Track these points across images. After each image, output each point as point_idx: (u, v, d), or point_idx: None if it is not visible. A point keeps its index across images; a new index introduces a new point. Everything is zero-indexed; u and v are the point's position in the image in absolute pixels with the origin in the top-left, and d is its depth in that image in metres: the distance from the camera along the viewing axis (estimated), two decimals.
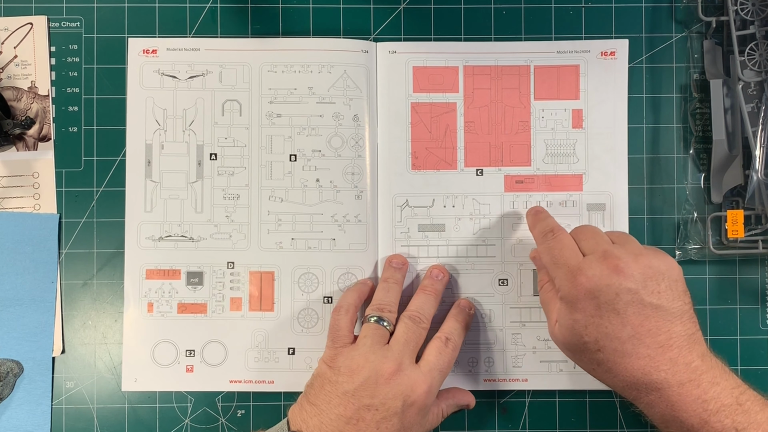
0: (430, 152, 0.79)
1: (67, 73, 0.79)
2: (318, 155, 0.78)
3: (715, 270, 0.79)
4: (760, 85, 0.75)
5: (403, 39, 0.80)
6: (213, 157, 0.78)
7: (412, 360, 0.69)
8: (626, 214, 0.79)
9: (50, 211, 0.78)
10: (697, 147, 0.79)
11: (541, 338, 0.78)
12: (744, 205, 0.77)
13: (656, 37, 0.80)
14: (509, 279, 0.79)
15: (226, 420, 0.78)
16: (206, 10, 0.80)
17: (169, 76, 0.78)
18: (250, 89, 0.79)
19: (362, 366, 0.68)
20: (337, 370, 0.68)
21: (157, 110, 0.78)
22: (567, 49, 0.80)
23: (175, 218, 0.78)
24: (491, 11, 0.80)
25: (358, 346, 0.70)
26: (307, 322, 0.78)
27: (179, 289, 0.78)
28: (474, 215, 0.79)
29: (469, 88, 0.79)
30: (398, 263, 0.77)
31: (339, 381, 0.68)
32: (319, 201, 0.78)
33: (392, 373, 0.67)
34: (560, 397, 0.79)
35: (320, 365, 0.71)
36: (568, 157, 0.79)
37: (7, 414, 0.76)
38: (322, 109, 0.78)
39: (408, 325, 0.71)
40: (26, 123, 0.78)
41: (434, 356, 0.70)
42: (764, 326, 0.79)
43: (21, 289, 0.77)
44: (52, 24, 0.79)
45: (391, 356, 0.68)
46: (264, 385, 0.78)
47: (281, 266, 0.78)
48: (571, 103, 0.80)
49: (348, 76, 0.78)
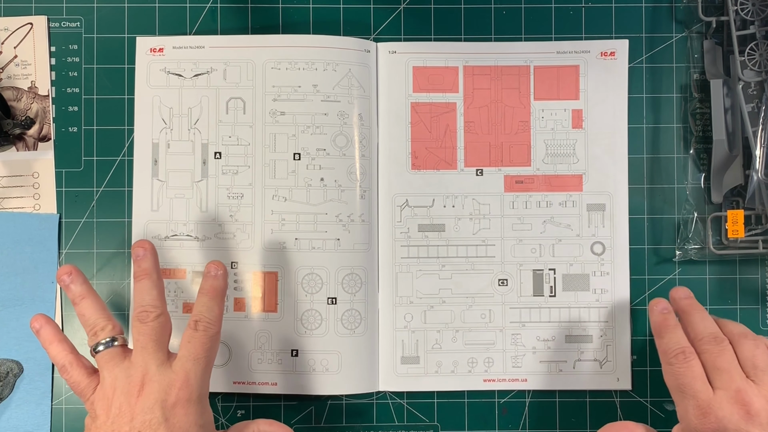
0: (430, 152, 0.79)
1: (67, 73, 0.79)
2: (322, 154, 0.78)
3: (715, 270, 0.80)
4: (760, 85, 0.75)
5: (403, 39, 0.80)
6: (217, 156, 0.78)
7: (159, 362, 0.64)
8: (626, 214, 0.79)
9: (50, 211, 0.78)
10: (697, 147, 0.80)
11: (540, 338, 0.78)
12: (744, 205, 0.78)
13: (656, 37, 0.80)
14: (509, 279, 0.79)
15: (225, 420, 0.78)
16: (206, 9, 0.80)
17: (175, 74, 0.78)
18: (254, 86, 0.78)
19: (112, 395, 0.63)
20: (95, 415, 0.64)
21: (164, 109, 0.78)
22: (567, 50, 0.80)
23: (180, 217, 0.78)
24: (491, 11, 0.80)
25: (103, 380, 0.64)
26: (310, 324, 0.77)
27: (184, 288, 0.77)
28: (474, 215, 0.79)
29: (469, 88, 0.80)
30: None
31: (98, 423, 0.63)
32: (323, 200, 0.77)
33: (141, 385, 0.63)
34: (560, 397, 0.79)
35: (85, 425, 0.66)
36: (568, 157, 0.79)
37: (7, 414, 0.76)
38: (326, 107, 0.78)
39: (136, 327, 0.66)
40: (26, 123, 0.78)
41: (184, 347, 0.66)
42: (764, 326, 0.79)
43: (21, 289, 0.77)
44: (52, 24, 0.79)
45: (134, 370, 0.64)
46: (267, 387, 0.77)
47: (285, 267, 0.78)
48: (571, 103, 0.80)
49: (353, 74, 0.78)
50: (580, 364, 0.78)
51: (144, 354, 0.64)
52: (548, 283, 0.79)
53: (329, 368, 0.77)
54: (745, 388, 0.63)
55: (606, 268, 0.79)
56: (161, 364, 0.64)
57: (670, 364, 0.66)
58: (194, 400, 0.64)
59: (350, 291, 0.77)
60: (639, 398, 0.79)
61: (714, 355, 0.65)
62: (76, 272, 0.68)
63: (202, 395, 0.65)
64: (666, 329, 0.69)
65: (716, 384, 0.64)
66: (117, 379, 0.63)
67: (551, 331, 0.79)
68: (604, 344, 0.78)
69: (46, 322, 0.68)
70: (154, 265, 0.69)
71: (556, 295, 0.79)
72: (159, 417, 0.62)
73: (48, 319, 0.69)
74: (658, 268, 0.80)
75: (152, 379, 0.63)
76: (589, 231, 0.79)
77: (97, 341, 0.66)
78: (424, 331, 0.78)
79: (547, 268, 0.79)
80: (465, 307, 0.78)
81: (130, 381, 0.63)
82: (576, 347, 0.78)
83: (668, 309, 0.71)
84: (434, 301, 0.79)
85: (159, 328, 0.66)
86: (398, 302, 0.78)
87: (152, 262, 0.69)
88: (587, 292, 0.79)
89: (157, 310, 0.66)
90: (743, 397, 0.62)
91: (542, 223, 0.79)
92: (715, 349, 0.65)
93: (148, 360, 0.64)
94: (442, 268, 0.79)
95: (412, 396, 0.79)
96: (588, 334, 0.78)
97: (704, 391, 0.64)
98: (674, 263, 0.79)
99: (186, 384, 0.64)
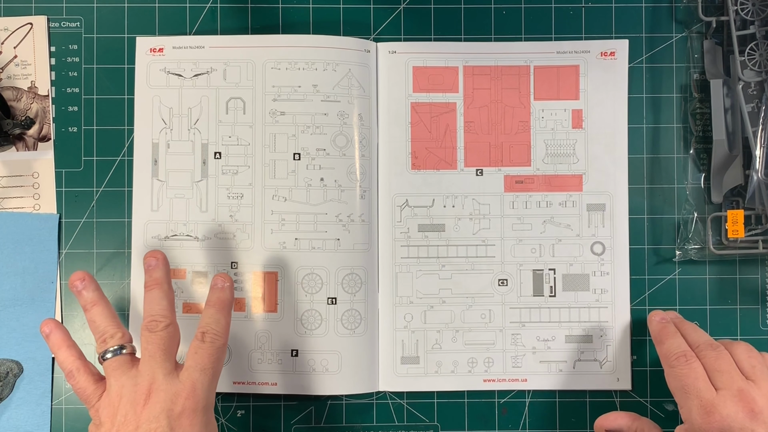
0: (430, 152, 0.79)
1: (67, 73, 0.79)
2: (322, 154, 0.78)
3: (715, 270, 0.80)
4: (760, 85, 0.75)
5: (403, 39, 0.80)
6: (217, 156, 0.78)
7: (166, 371, 0.64)
8: (626, 214, 0.79)
9: (50, 211, 0.78)
10: (697, 147, 0.80)
11: (540, 338, 0.78)
12: (744, 205, 0.78)
13: (656, 37, 0.80)
14: (509, 279, 0.79)
15: (225, 420, 0.78)
16: (206, 9, 0.80)
17: (175, 74, 0.78)
18: (254, 86, 0.78)
19: (118, 403, 0.63)
20: (100, 422, 0.64)
21: (164, 109, 0.78)
22: (567, 50, 0.80)
23: (180, 217, 0.78)
24: (491, 11, 0.80)
25: (110, 388, 0.64)
26: (310, 324, 0.77)
27: (184, 288, 0.77)
28: (474, 215, 0.79)
29: (468, 88, 0.80)
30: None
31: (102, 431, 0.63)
32: (323, 200, 0.77)
33: (147, 394, 0.63)
34: (560, 397, 0.79)
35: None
36: (568, 157, 0.79)
37: (7, 414, 0.76)
38: (326, 107, 0.78)
39: (145, 336, 0.66)
40: (26, 123, 0.78)
41: (191, 358, 0.66)
42: (764, 326, 0.79)
43: (21, 289, 0.77)
44: (52, 24, 0.79)
45: (141, 378, 0.64)
46: (267, 387, 0.78)
47: (285, 267, 0.78)
48: (571, 103, 0.80)
49: (353, 74, 0.78)
50: (580, 364, 0.78)
51: (152, 363, 0.64)
52: (548, 283, 0.79)
53: (329, 368, 0.77)
54: (747, 388, 0.64)
55: (606, 268, 0.79)
56: (168, 374, 0.64)
57: (672, 367, 0.68)
58: (200, 410, 0.64)
59: (350, 291, 0.77)
60: (639, 398, 0.79)
61: (713, 359, 0.67)
62: (89, 278, 0.69)
63: (207, 406, 0.65)
64: (666, 335, 0.71)
65: (718, 384, 0.65)
66: (124, 387, 0.63)
67: (551, 331, 0.79)
68: (604, 344, 0.78)
69: (56, 327, 0.68)
70: (166, 276, 0.69)
71: (556, 295, 0.79)
72: (164, 426, 0.61)
73: (58, 323, 0.69)
74: (658, 268, 0.80)
75: (159, 388, 0.63)
76: (589, 231, 0.79)
77: (105, 348, 0.66)
78: (424, 331, 0.78)
79: (547, 268, 0.79)
80: (465, 307, 0.78)
81: (137, 389, 0.63)
82: (576, 347, 0.78)
83: (666, 319, 0.73)
84: (434, 301, 0.79)
85: (167, 337, 0.66)
86: (398, 302, 0.78)
87: (164, 272, 0.70)
88: (587, 292, 0.79)
89: (166, 320, 0.67)
90: (746, 395, 0.63)
91: (542, 223, 0.79)
92: (713, 354, 0.67)
93: (156, 369, 0.64)
94: (442, 268, 0.79)
95: (412, 396, 0.79)
96: (588, 334, 0.78)
97: (708, 391, 0.65)
98: (674, 263, 0.79)
99: (193, 394, 0.64)
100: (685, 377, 0.66)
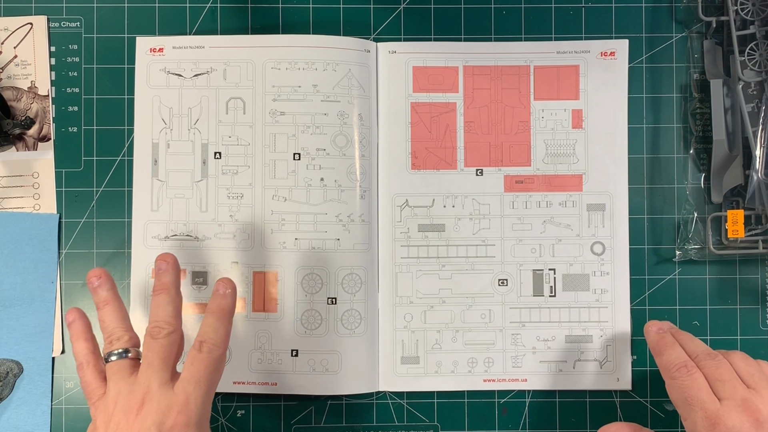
0: (430, 152, 0.79)
1: (67, 73, 0.79)
2: (322, 154, 0.78)
3: (715, 270, 0.80)
4: (760, 85, 0.75)
5: (403, 39, 0.80)
6: (217, 156, 0.78)
7: (162, 381, 0.63)
8: (626, 214, 0.79)
9: (50, 211, 0.78)
10: (697, 147, 0.80)
11: (540, 338, 0.78)
12: (744, 205, 0.78)
13: (656, 37, 0.80)
14: (509, 279, 0.79)
15: (225, 420, 0.78)
16: (206, 9, 0.80)
17: (175, 74, 0.78)
18: (254, 86, 0.78)
19: (113, 409, 0.62)
20: (96, 426, 0.63)
21: (164, 109, 0.78)
22: (567, 50, 0.80)
23: (180, 217, 0.78)
24: (491, 11, 0.80)
25: (108, 391, 0.64)
26: (310, 324, 0.77)
27: (184, 288, 0.77)
28: (474, 215, 0.79)
29: (469, 88, 0.80)
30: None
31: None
32: (323, 200, 0.77)
33: (141, 403, 0.62)
34: (560, 397, 0.79)
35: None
36: (568, 157, 0.79)
37: (7, 414, 0.76)
38: (326, 107, 0.78)
39: (146, 342, 0.65)
40: (26, 123, 0.78)
41: (186, 369, 0.64)
42: (764, 326, 0.79)
43: (21, 289, 0.77)
44: (52, 24, 0.79)
45: (137, 386, 0.63)
46: (267, 387, 0.77)
47: (285, 267, 0.78)
48: (570, 103, 0.80)
49: (353, 74, 0.78)
50: (580, 364, 0.78)
51: (149, 371, 0.63)
52: (548, 283, 0.79)
53: (329, 368, 0.77)
54: (750, 397, 0.63)
55: (606, 268, 0.79)
56: (164, 384, 0.63)
57: (674, 379, 0.67)
58: (192, 425, 0.62)
59: (350, 291, 0.77)
60: (639, 398, 0.79)
61: (713, 369, 0.66)
62: (106, 276, 0.68)
63: (201, 419, 0.64)
64: (665, 346, 0.70)
65: (721, 395, 0.64)
66: (120, 393, 0.63)
67: (551, 331, 0.79)
68: (604, 344, 0.78)
69: (80, 317, 0.68)
70: (175, 281, 0.68)
71: (556, 295, 0.79)
72: None
73: (82, 313, 0.69)
74: (658, 268, 0.80)
75: (152, 399, 0.62)
76: (589, 231, 0.79)
77: (111, 350, 0.65)
78: (424, 331, 0.78)
79: (547, 268, 0.79)
80: (465, 307, 0.78)
81: (132, 398, 0.62)
82: (576, 347, 0.78)
83: (664, 329, 0.72)
84: (434, 301, 0.79)
85: (169, 345, 0.64)
86: (398, 302, 0.78)
87: (173, 277, 0.68)
88: (587, 292, 0.79)
89: (169, 327, 0.65)
90: (750, 405, 0.62)
91: (542, 223, 0.79)
92: (712, 363, 0.66)
93: (152, 377, 0.63)
94: (442, 268, 0.79)
95: (412, 396, 0.79)
96: (588, 334, 0.78)
97: (711, 402, 0.64)
98: (674, 263, 0.79)
99: (185, 408, 0.62)
100: (687, 389, 0.65)
